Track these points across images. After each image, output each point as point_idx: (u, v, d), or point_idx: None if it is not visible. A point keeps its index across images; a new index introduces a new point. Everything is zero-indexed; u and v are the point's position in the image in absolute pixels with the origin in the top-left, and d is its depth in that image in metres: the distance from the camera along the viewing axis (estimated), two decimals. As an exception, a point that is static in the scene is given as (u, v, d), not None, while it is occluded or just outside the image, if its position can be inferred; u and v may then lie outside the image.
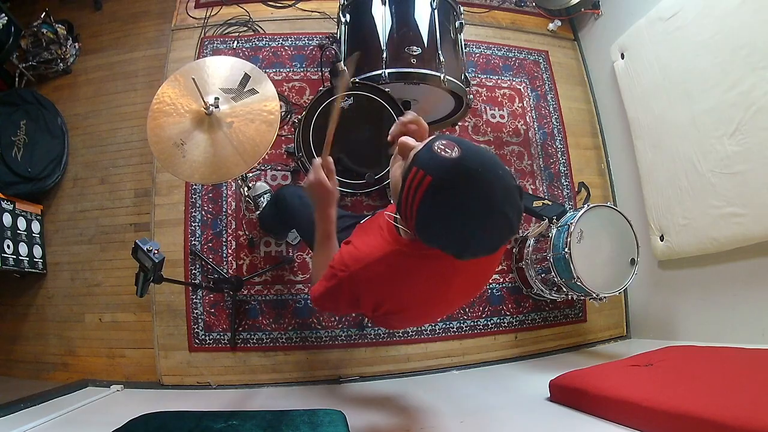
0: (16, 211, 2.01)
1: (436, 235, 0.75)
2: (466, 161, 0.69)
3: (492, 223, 0.71)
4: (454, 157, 0.69)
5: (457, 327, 2.13)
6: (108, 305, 2.06)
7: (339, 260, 0.94)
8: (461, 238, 0.72)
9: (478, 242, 0.73)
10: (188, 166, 1.39)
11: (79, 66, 2.45)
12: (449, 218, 0.70)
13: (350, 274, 0.91)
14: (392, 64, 1.77)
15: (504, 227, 0.72)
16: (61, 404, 1.60)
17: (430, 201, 0.70)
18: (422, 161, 0.72)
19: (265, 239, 2.11)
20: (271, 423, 1.16)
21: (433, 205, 0.71)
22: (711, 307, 1.87)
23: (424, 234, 0.76)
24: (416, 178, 0.71)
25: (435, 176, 0.69)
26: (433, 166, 0.70)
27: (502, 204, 0.69)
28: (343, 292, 0.94)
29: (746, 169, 1.66)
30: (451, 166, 0.69)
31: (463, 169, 0.69)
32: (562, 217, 1.97)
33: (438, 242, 0.76)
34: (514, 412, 1.49)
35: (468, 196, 0.68)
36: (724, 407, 1.00)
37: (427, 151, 0.72)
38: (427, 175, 0.70)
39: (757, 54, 1.61)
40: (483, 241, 0.73)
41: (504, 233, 0.73)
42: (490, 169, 0.70)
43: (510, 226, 0.72)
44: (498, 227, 0.71)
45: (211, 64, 1.51)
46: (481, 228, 0.71)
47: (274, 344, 1.99)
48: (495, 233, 0.72)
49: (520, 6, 2.86)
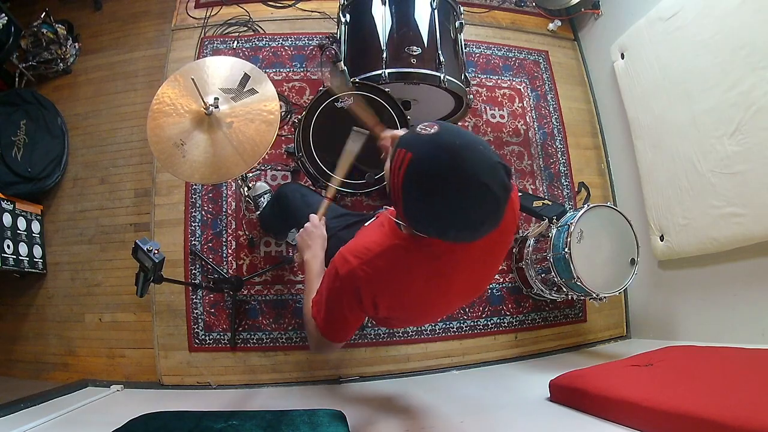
0: (16, 211, 2.01)
1: (421, 214, 0.75)
2: (444, 135, 0.72)
3: (473, 196, 0.69)
4: (432, 132, 0.72)
5: (457, 327, 2.13)
6: (108, 305, 2.06)
7: (339, 258, 0.94)
8: (444, 214, 0.72)
9: (460, 217, 0.71)
10: (188, 166, 1.39)
11: (79, 66, 2.45)
12: (431, 193, 0.71)
13: (351, 270, 0.90)
14: (392, 64, 1.77)
15: (487, 201, 0.70)
16: (61, 404, 1.60)
17: (411, 177, 0.72)
18: (404, 142, 0.75)
19: (265, 239, 2.11)
20: (271, 423, 1.17)
21: (415, 181, 0.72)
22: (711, 307, 1.87)
23: (411, 214, 0.76)
24: (399, 158, 0.74)
25: (415, 152, 0.71)
26: (413, 143, 0.73)
27: (482, 175, 0.69)
28: (345, 292, 0.93)
29: (746, 169, 1.66)
30: (429, 141, 0.72)
31: (440, 142, 0.71)
32: (562, 217, 1.97)
33: (424, 221, 0.76)
34: (514, 412, 1.49)
35: (446, 168, 0.69)
36: (724, 407, 1.00)
37: (409, 133, 0.77)
38: (408, 152, 0.72)
39: (757, 54, 1.61)
40: (466, 216, 0.71)
41: (487, 207, 0.71)
42: (468, 143, 0.71)
43: (494, 199, 0.70)
44: (480, 200, 0.70)
45: (211, 64, 1.51)
46: (462, 201, 0.70)
47: (274, 344, 1.99)
48: (478, 208, 0.71)
49: (520, 6, 2.86)
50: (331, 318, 0.99)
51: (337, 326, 1.00)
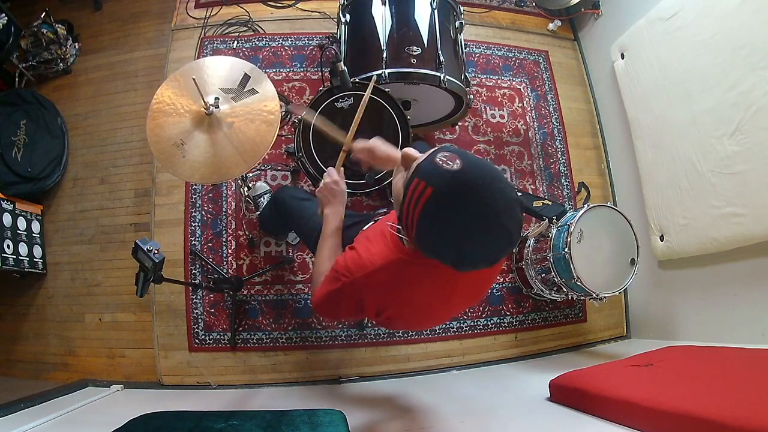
0: (16, 211, 2.01)
1: (435, 246, 0.75)
2: (467, 173, 0.70)
3: (491, 236, 0.71)
4: (455, 169, 0.70)
5: (457, 327, 2.13)
6: (108, 305, 2.06)
7: (343, 265, 0.95)
8: (460, 250, 0.72)
9: (476, 255, 0.73)
10: (188, 166, 1.39)
11: (79, 66, 2.45)
12: (449, 230, 0.70)
13: (353, 280, 0.92)
14: (392, 64, 1.77)
15: (503, 240, 0.72)
16: (61, 404, 1.60)
17: (430, 212, 0.71)
18: (424, 172, 0.73)
19: (265, 239, 2.11)
20: (271, 423, 1.16)
21: (434, 216, 0.71)
22: (711, 307, 1.87)
23: (424, 244, 0.76)
24: (417, 189, 0.72)
25: (436, 187, 0.70)
26: (435, 177, 0.71)
27: (502, 217, 0.69)
28: (345, 297, 0.94)
29: (746, 169, 1.66)
30: (451, 178, 0.69)
31: (463, 181, 0.69)
32: (562, 217, 1.97)
33: (437, 253, 0.76)
34: (514, 412, 1.49)
35: (468, 208, 0.69)
36: (724, 407, 1.00)
37: (429, 163, 0.73)
38: (429, 186, 0.70)
39: (757, 54, 1.61)
40: (481, 253, 0.73)
41: (503, 246, 0.73)
42: (490, 182, 0.70)
43: (509, 239, 0.72)
44: (497, 240, 0.71)
45: (210, 64, 1.51)
46: (480, 240, 0.71)
47: (274, 344, 1.99)
48: (494, 246, 0.72)
49: (520, 6, 2.86)
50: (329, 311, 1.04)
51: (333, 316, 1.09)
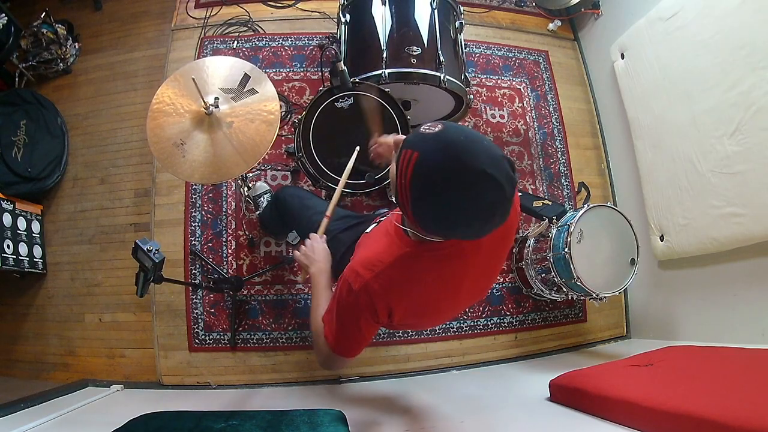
0: (16, 211, 2.01)
1: (429, 212, 0.74)
2: (448, 133, 0.73)
3: (480, 189, 0.69)
4: (437, 130, 0.73)
5: (457, 327, 2.13)
6: (108, 305, 2.06)
7: (351, 272, 0.93)
8: (452, 210, 0.71)
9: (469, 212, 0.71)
10: (188, 166, 1.39)
11: (79, 66, 2.45)
12: (439, 190, 0.71)
13: (365, 283, 0.89)
14: (392, 64, 1.77)
15: (494, 192, 0.70)
16: (61, 404, 1.60)
17: (418, 176, 0.72)
18: (410, 142, 0.76)
19: (265, 239, 2.11)
20: (271, 423, 1.16)
21: (423, 178, 0.72)
22: (711, 307, 1.87)
23: (419, 214, 0.75)
24: (405, 158, 0.74)
25: (421, 151, 0.72)
26: (419, 142, 0.74)
27: (488, 167, 0.69)
28: (360, 306, 0.91)
29: (746, 169, 1.66)
30: (434, 139, 0.73)
31: (445, 139, 0.72)
32: (562, 217, 1.97)
33: (433, 220, 0.75)
34: (514, 412, 1.49)
35: (453, 162, 0.70)
36: (724, 407, 1.00)
37: (413, 134, 0.78)
38: (414, 151, 0.73)
39: (757, 54, 1.61)
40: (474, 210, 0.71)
41: (495, 199, 0.71)
42: (473, 138, 0.72)
43: (501, 191, 0.70)
44: (487, 193, 0.70)
45: (210, 64, 1.51)
46: (470, 194, 0.70)
47: (274, 344, 1.99)
48: (485, 200, 0.70)
49: (520, 6, 2.86)
50: (343, 334, 0.97)
51: (350, 342, 0.98)
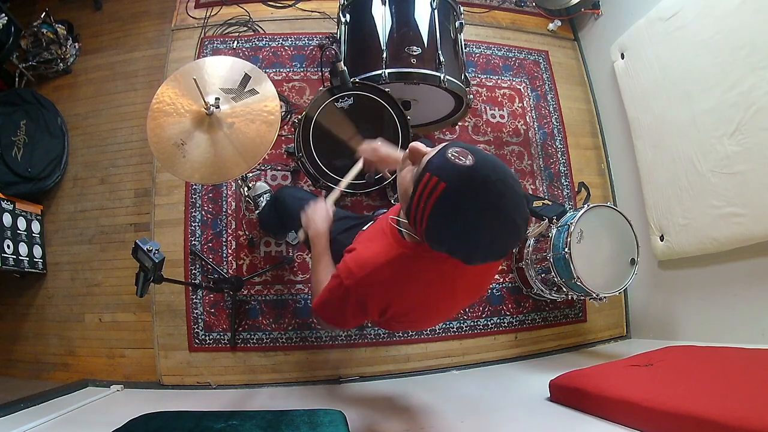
0: (16, 211, 2.01)
1: (446, 240, 0.76)
2: (480, 169, 0.71)
3: (502, 230, 0.73)
4: (468, 165, 0.71)
5: (457, 327, 2.13)
6: (108, 305, 2.06)
7: (344, 268, 0.95)
8: (471, 244, 0.74)
9: (487, 248, 0.75)
10: (188, 166, 1.39)
11: (79, 66, 2.45)
12: (461, 224, 0.72)
13: (356, 281, 0.91)
14: (392, 64, 1.77)
15: (512, 234, 0.74)
16: (61, 404, 1.60)
17: (443, 207, 0.72)
18: (436, 168, 0.73)
19: (265, 239, 2.11)
20: (271, 423, 1.17)
21: (446, 211, 0.72)
22: (711, 307, 1.87)
23: (434, 239, 0.77)
24: (430, 184, 0.72)
25: (449, 183, 0.71)
26: (447, 172, 0.71)
27: (512, 212, 0.72)
28: (350, 301, 0.94)
29: (746, 169, 1.66)
30: (465, 173, 0.70)
31: (477, 176, 0.70)
32: (562, 217, 1.97)
33: (447, 247, 0.77)
34: (514, 412, 1.49)
35: (480, 203, 0.70)
36: (724, 407, 1.00)
37: (440, 158, 0.73)
38: (441, 181, 0.71)
39: (757, 54, 1.61)
40: (492, 247, 0.75)
41: (512, 240, 0.75)
42: (502, 177, 0.71)
43: (518, 233, 0.74)
44: (507, 234, 0.73)
45: (211, 64, 1.51)
46: (491, 235, 0.73)
47: (274, 344, 1.99)
48: (504, 240, 0.74)
49: (520, 6, 2.86)
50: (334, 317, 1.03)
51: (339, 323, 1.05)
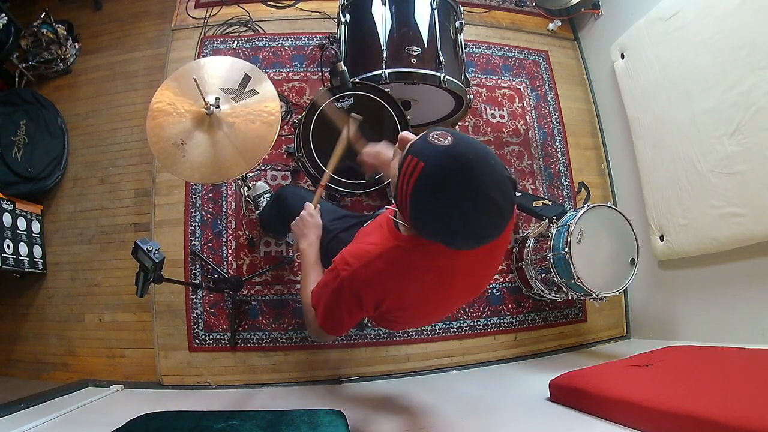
0: (16, 211, 2.01)
1: (428, 222, 0.76)
2: (458, 149, 0.72)
3: (481, 210, 0.72)
4: (446, 144, 0.72)
5: (457, 327, 2.13)
6: (108, 305, 2.06)
7: (340, 260, 0.95)
8: (451, 225, 0.74)
9: (467, 229, 0.74)
10: (188, 166, 1.39)
11: (79, 66, 2.45)
12: (441, 204, 0.72)
13: (352, 272, 0.91)
14: (392, 64, 1.77)
15: (493, 214, 0.73)
16: (61, 404, 1.60)
17: (422, 186, 0.72)
18: (416, 149, 0.75)
19: (265, 239, 2.11)
20: (271, 423, 1.17)
21: (425, 190, 0.72)
22: (711, 307, 1.87)
23: (417, 222, 0.78)
24: (410, 165, 0.74)
25: (427, 162, 0.72)
26: (426, 152, 0.73)
27: (493, 192, 0.71)
28: (345, 294, 0.94)
29: (746, 169, 1.66)
30: (442, 153, 0.72)
31: (454, 155, 0.71)
32: (562, 217, 1.97)
33: (430, 229, 0.77)
34: (514, 412, 1.49)
35: (458, 182, 0.70)
36: (724, 407, 1.00)
37: (421, 141, 0.76)
38: (420, 161, 0.73)
39: (757, 54, 1.61)
40: (472, 228, 0.74)
41: (493, 222, 0.74)
42: (481, 157, 0.72)
43: (500, 215, 0.73)
44: (487, 214, 0.72)
45: (211, 64, 1.51)
46: (471, 214, 0.72)
47: (274, 344, 1.99)
48: (484, 220, 0.73)
49: (520, 6, 2.86)
50: (329, 315, 1.01)
51: (335, 322, 1.02)
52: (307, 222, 1.25)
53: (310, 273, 1.16)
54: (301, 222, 1.25)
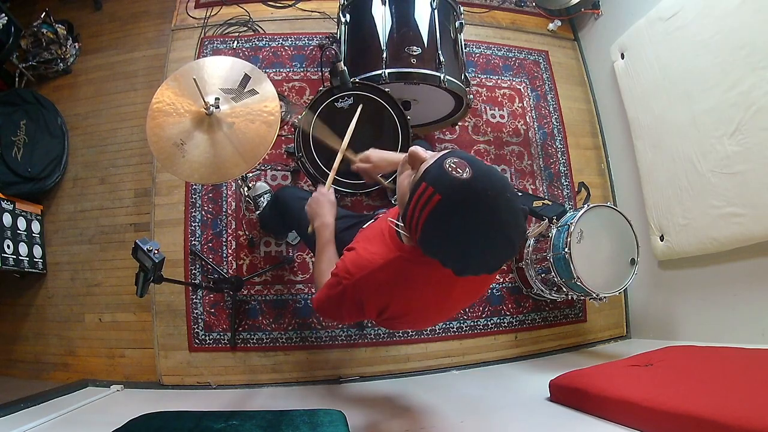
0: (16, 211, 2.01)
1: (439, 251, 0.76)
2: (476, 184, 0.69)
3: (495, 246, 0.73)
4: (465, 178, 0.69)
5: (457, 327, 2.13)
6: (108, 305, 2.06)
7: (342, 267, 0.95)
8: (464, 258, 0.74)
9: (479, 262, 0.75)
10: (188, 166, 1.39)
11: (79, 66, 2.45)
12: (454, 238, 0.71)
13: (354, 282, 0.91)
14: (392, 64, 1.77)
15: (506, 249, 0.74)
16: (61, 404, 1.60)
17: (436, 219, 0.71)
18: (432, 178, 0.72)
19: (265, 239, 2.11)
20: (271, 423, 1.16)
21: (440, 223, 0.71)
22: (711, 307, 1.87)
23: (428, 248, 0.77)
24: (425, 195, 0.71)
25: (444, 195, 0.70)
26: (444, 184, 0.70)
27: (507, 228, 0.71)
28: (347, 299, 0.94)
29: (746, 169, 1.66)
30: (460, 187, 0.69)
31: (472, 191, 0.69)
32: (562, 217, 1.97)
33: (441, 257, 0.77)
34: (514, 412, 1.49)
35: (475, 219, 0.69)
36: (724, 407, 1.00)
37: (437, 168, 0.72)
38: (437, 193, 0.70)
39: (757, 54, 1.61)
40: (484, 261, 0.75)
41: (505, 256, 0.75)
42: (499, 192, 0.70)
43: (512, 249, 0.74)
44: (501, 250, 0.73)
45: (211, 64, 1.51)
46: (484, 250, 0.72)
47: (274, 344, 1.99)
48: (497, 255, 0.74)
49: (520, 6, 2.86)
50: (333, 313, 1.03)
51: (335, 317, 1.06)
52: (319, 200, 1.22)
53: (323, 252, 1.13)
54: (314, 201, 1.22)
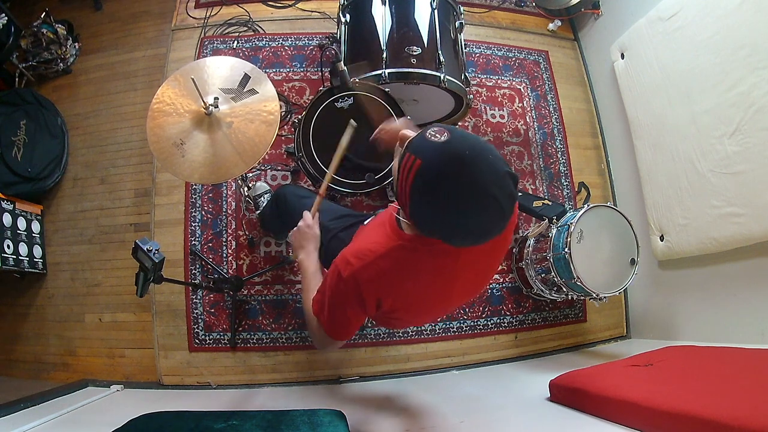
0: (16, 211, 2.01)
1: (427, 219, 0.76)
2: (454, 145, 0.71)
3: (480, 206, 0.71)
4: (442, 140, 0.72)
5: (457, 327, 2.13)
6: (108, 305, 2.06)
7: (341, 259, 0.94)
8: (451, 221, 0.73)
9: (467, 226, 0.73)
10: (188, 166, 1.39)
11: (79, 66, 2.45)
12: (438, 200, 0.72)
13: (354, 271, 0.90)
14: (392, 64, 1.77)
15: (493, 211, 0.72)
16: (61, 404, 1.60)
17: (420, 184, 0.72)
18: (414, 147, 0.75)
19: (265, 239, 2.11)
20: (271, 423, 1.17)
21: (424, 187, 0.72)
22: (711, 307, 1.87)
23: (418, 219, 0.78)
24: (408, 163, 0.74)
25: (424, 159, 0.72)
26: (423, 150, 0.73)
27: (491, 187, 0.70)
28: (349, 294, 0.93)
29: (746, 169, 1.66)
30: (439, 149, 0.71)
31: (450, 151, 0.71)
32: (562, 217, 1.97)
33: (430, 226, 0.77)
34: (514, 412, 1.49)
35: (455, 178, 0.70)
36: (724, 407, 1.00)
37: (419, 138, 0.76)
38: (417, 158, 0.72)
39: (757, 54, 1.61)
40: (472, 224, 0.73)
41: (493, 218, 0.73)
42: (478, 153, 0.71)
43: (500, 211, 0.72)
44: (487, 210, 0.72)
45: (211, 64, 1.51)
46: (469, 210, 0.71)
47: (274, 344, 1.99)
48: (484, 217, 0.72)
49: (520, 6, 2.86)
50: (334, 318, 1.00)
51: (339, 326, 1.01)
52: (305, 233, 1.22)
53: (311, 282, 1.14)
54: (299, 233, 1.23)
